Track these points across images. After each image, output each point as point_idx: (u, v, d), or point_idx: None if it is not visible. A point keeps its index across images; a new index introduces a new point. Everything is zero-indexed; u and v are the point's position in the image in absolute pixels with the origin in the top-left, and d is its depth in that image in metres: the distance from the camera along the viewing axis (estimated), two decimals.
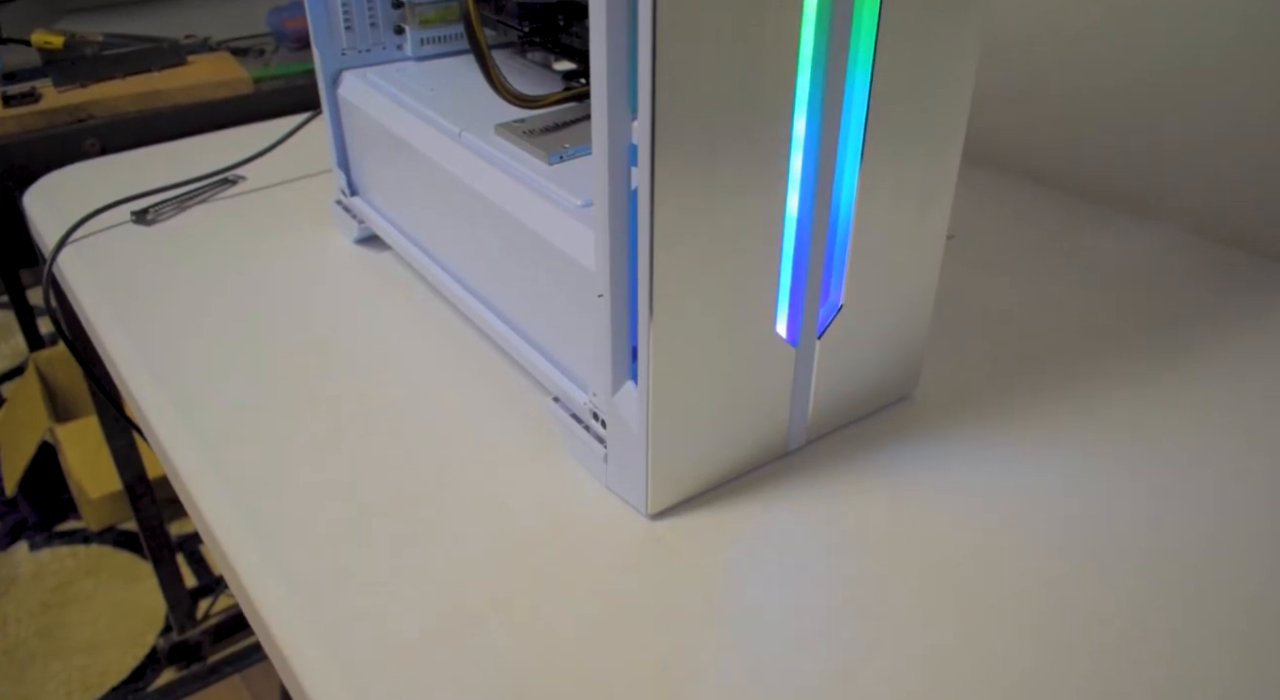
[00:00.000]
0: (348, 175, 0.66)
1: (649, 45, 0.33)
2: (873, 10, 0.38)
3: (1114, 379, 0.53)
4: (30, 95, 0.86)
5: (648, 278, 0.37)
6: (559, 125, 0.51)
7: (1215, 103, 0.68)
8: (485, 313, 0.53)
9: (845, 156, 0.41)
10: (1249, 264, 0.64)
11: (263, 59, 0.99)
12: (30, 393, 1.48)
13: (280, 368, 0.54)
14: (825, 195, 0.41)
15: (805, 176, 0.40)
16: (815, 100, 0.38)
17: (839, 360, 0.46)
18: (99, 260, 0.66)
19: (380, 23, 0.63)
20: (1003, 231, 0.68)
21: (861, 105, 0.40)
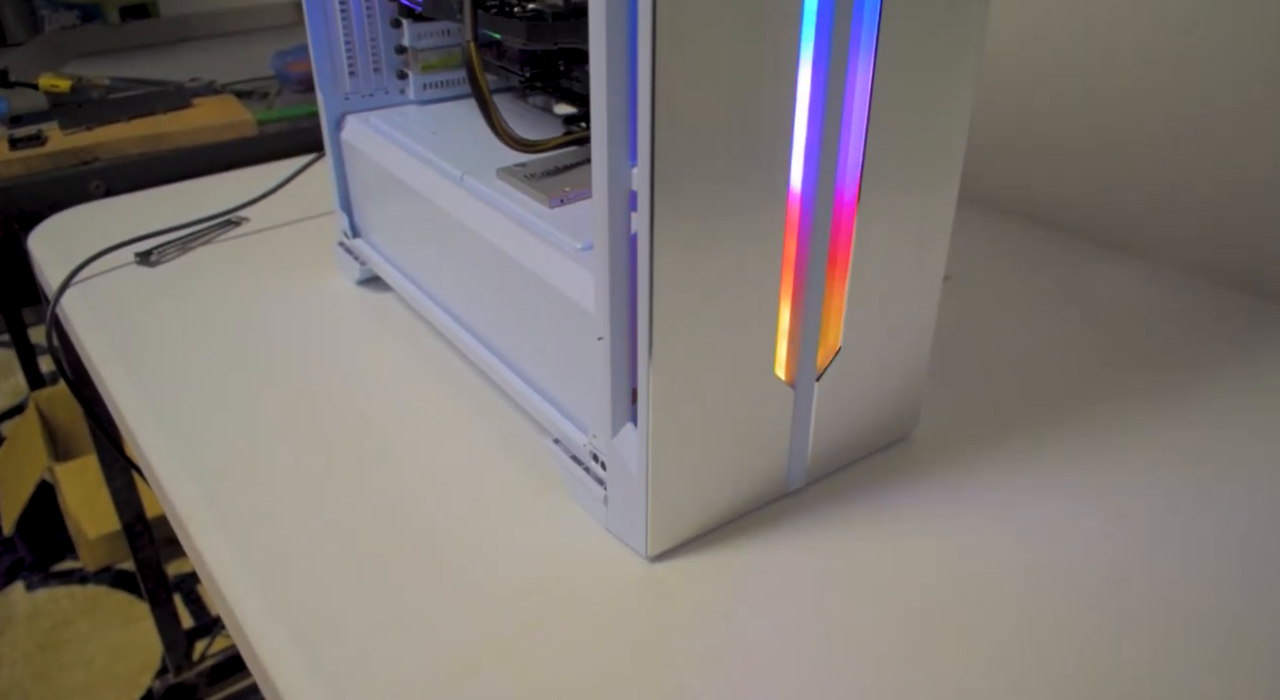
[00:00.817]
0: (350, 217, 0.67)
1: (648, 92, 0.33)
2: (869, 55, 0.38)
3: (1112, 420, 0.53)
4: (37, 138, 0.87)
5: (647, 320, 0.37)
6: (559, 169, 0.52)
7: (1210, 143, 0.69)
8: (485, 354, 0.54)
9: (842, 200, 0.41)
10: (1245, 304, 0.64)
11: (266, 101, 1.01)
12: (30, 431, 1.47)
13: (281, 409, 0.54)
14: (823, 238, 0.41)
15: (803, 219, 0.40)
16: (813, 144, 0.39)
17: (838, 401, 0.46)
18: (102, 301, 0.67)
19: (384, 67, 0.64)
20: (1000, 272, 0.69)
21: (858, 149, 0.40)
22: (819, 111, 0.38)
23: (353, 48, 0.62)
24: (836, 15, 0.37)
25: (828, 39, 0.37)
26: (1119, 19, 0.71)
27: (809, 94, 0.38)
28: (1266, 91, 0.64)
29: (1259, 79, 0.65)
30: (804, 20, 0.36)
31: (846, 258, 0.42)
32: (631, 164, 0.36)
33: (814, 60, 0.37)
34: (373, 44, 0.63)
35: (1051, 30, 0.76)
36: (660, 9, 0.32)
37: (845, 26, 0.37)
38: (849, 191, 0.41)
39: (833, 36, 0.37)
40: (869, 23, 0.38)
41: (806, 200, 0.40)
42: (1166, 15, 0.68)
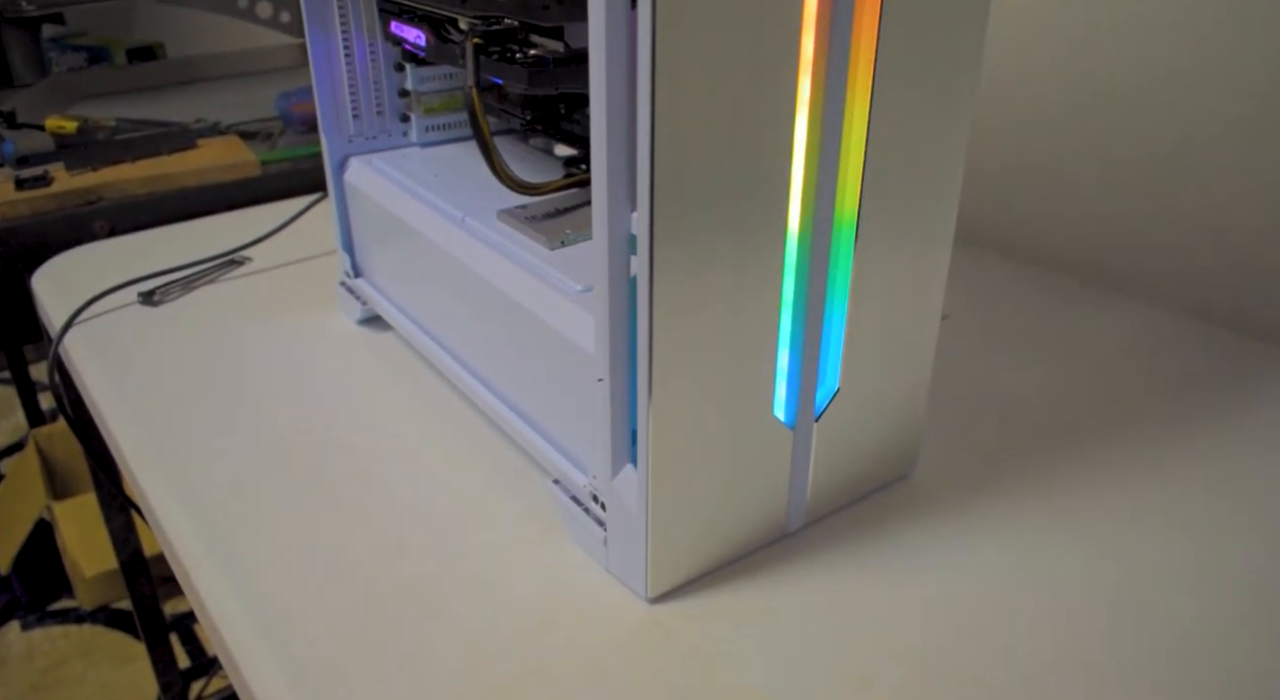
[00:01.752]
0: (352, 257, 0.67)
1: (648, 137, 0.34)
2: (864, 99, 0.39)
3: (1110, 460, 0.53)
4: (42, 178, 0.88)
5: (647, 362, 0.38)
6: (560, 211, 0.52)
7: (1204, 184, 0.69)
8: (486, 394, 0.54)
9: (840, 242, 0.42)
10: (1242, 345, 0.65)
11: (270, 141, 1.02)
12: (29, 469, 1.47)
13: (282, 449, 0.55)
14: (821, 280, 0.42)
15: (800, 262, 0.41)
16: (810, 187, 0.39)
17: (837, 442, 0.46)
18: (105, 341, 0.67)
19: (386, 111, 0.65)
20: (997, 311, 0.69)
21: (855, 191, 0.41)
22: (816, 154, 0.39)
23: (356, 91, 0.63)
24: (833, 59, 0.38)
25: (824, 83, 0.38)
26: (1113, 61, 0.72)
27: (806, 137, 0.38)
28: (1260, 133, 0.65)
29: (1252, 120, 0.66)
30: (801, 63, 0.37)
31: (844, 299, 0.43)
32: (631, 209, 0.37)
33: (810, 104, 0.38)
34: (376, 88, 0.64)
35: (1046, 72, 0.77)
36: (659, 55, 0.33)
37: (842, 70, 0.38)
38: (846, 233, 0.41)
39: (829, 80, 0.38)
40: (865, 66, 0.39)
41: (804, 243, 0.40)
42: (1161, 57, 0.69)
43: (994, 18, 0.42)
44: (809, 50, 0.37)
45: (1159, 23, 0.69)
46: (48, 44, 1.23)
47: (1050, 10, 0.75)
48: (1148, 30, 0.70)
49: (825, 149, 0.39)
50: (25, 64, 1.16)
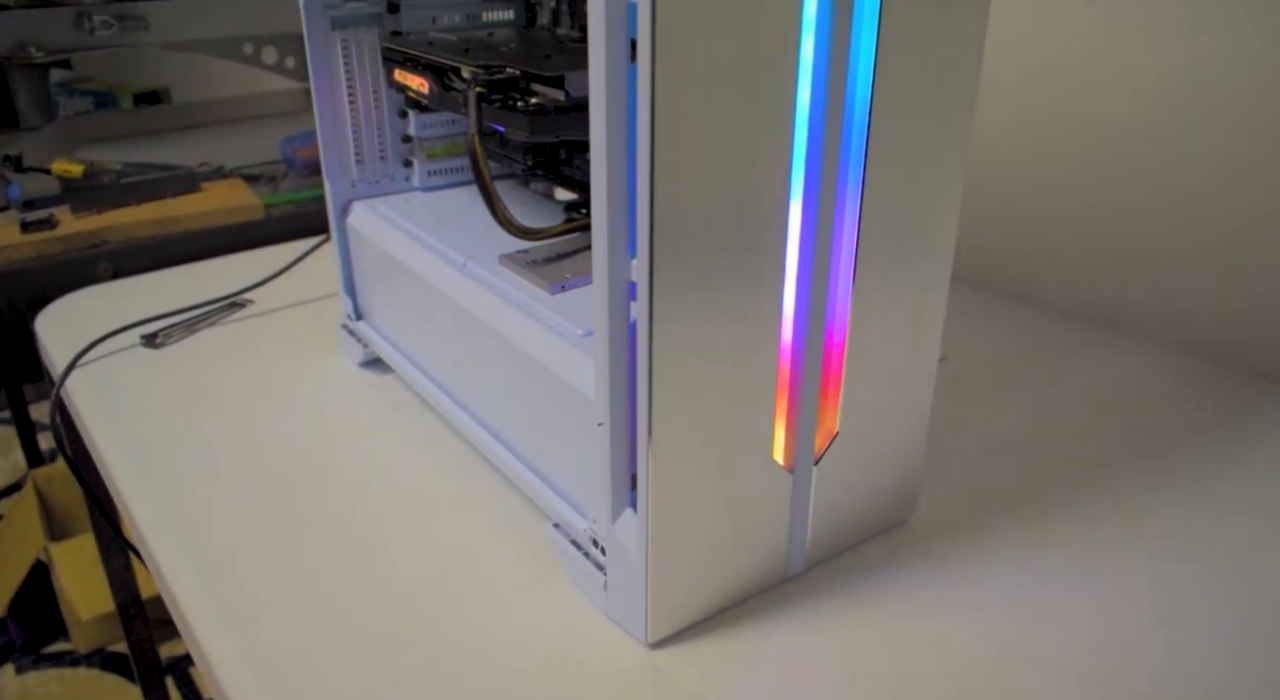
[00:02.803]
0: (354, 300, 0.68)
1: (647, 186, 0.34)
2: (860, 141, 0.40)
3: (1110, 503, 0.53)
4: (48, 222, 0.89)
5: (646, 407, 0.38)
6: (560, 255, 0.53)
7: (1205, 223, 0.70)
8: (486, 438, 0.54)
9: (837, 287, 0.42)
10: (1243, 385, 0.65)
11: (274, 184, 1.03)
12: (27, 510, 1.47)
13: (282, 493, 0.55)
14: (819, 325, 0.42)
15: (799, 307, 0.41)
16: (808, 233, 0.40)
17: (836, 486, 0.46)
18: (107, 383, 0.67)
19: (389, 156, 0.66)
20: (995, 353, 0.70)
21: (852, 236, 0.41)
22: (813, 202, 0.39)
23: (360, 137, 0.64)
24: (829, 106, 0.38)
25: (821, 131, 0.38)
26: (1105, 99, 0.74)
27: (803, 181, 0.39)
28: (1261, 171, 0.66)
29: (1245, 157, 0.66)
30: (798, 113, 0.37)
31: (842, 344, 0.43)
32: (631, 255, 0.37)
33: (808, 152, 0.38)
34: (379, 133, 0.65)
35: (1037, 112, 0.78)
36: (658, 107, 0.33)
37: (838, 117, 0.39)
38: (844, 278, 0.42)
39: (825, 129, 0.39)
40: (860, 114, 0.39)
41: (802, 288, 0.41)
42: (1153, 95, 0.71)
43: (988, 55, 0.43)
44: (805, 100, 0.38)
45: (1151, 60, 0.70)
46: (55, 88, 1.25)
47: (1040, 51, 0.76)
48: (1140, 68, 0.71)
49: (823, 188, 0.40)
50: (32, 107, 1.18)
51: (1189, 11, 0.67)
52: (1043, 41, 0.76)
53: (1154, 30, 0.69)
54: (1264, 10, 0.63)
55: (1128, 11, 0.71)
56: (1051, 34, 0.76)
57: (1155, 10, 0.69)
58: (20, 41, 0.95)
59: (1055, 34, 0.76)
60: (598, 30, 0.35)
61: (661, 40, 0.33)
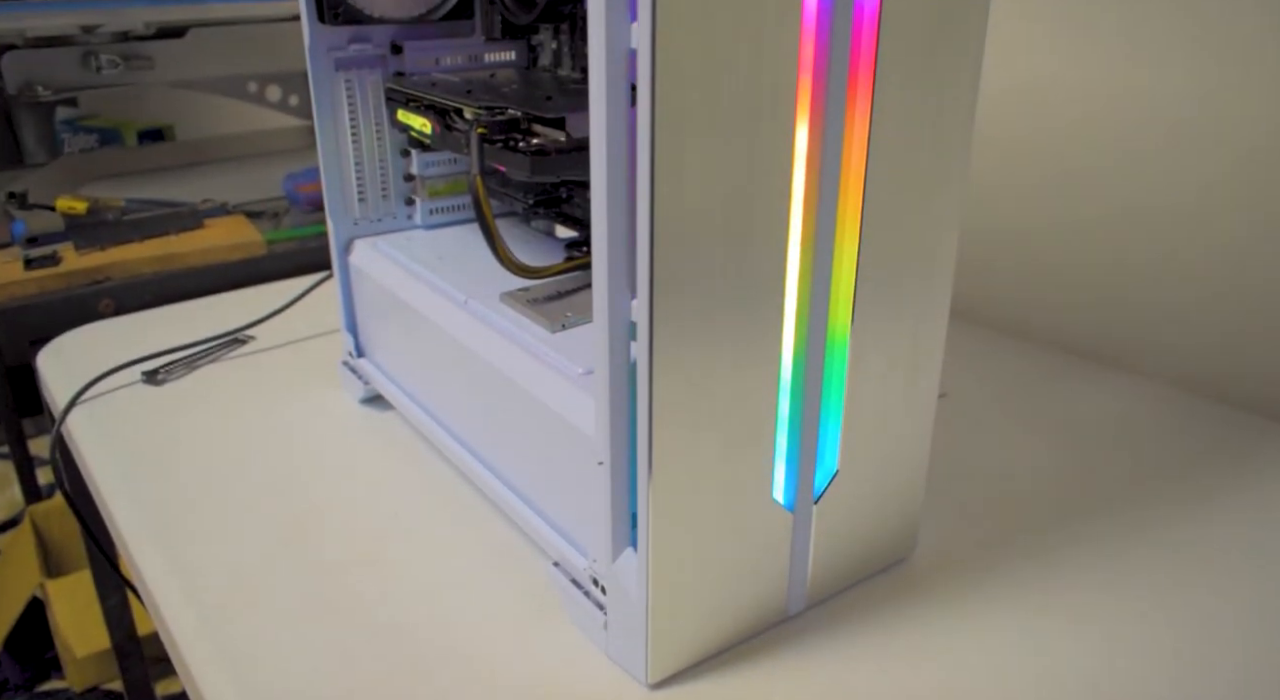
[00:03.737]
0: (355, 337, 0.68)
1: (647, 228, 0.35)
2: (858, 186, 0.40)
3: (1111, 540, 0.53)
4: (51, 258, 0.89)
5: (646, 446, 0.38)
6: (561, 294, 0.53)
7: (1202, 259, 0.71)
8: (487, 475, 0.54)
9: (835, 325, 0.42)
10: (1243, 422, 0.65)
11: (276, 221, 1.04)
12: (24, 547, 1.46)
13: (282, 531, 0.54)
14: (818, 363, 0.42)
15: (798, 346, 0.41)
16: (806, 273, 0.40)
17: (836, 525, 0.46)
18: (107, 420, 0.67)
19: (392, 194, 0.67)
20: (995, 389, 0.70)
21: (850, 275, 0.42)
22: (811, 241, 0.40)
23: (363, 176, 0.65)
24: (826, 146, 0.39)
25: (819, 169, 0.39)
26: (1105, 135, 0.74)
27: (801, 225, 0.39)
28: (1257, 207, 0.67)
29: (1248, 195, 0.67)
30: (796, 153, 0.38)
31: (841, 382, 0.43)
32: (631, 296, 0.38)
33: (806, 193, 0.39)
34: (382, 172, 0.66)
35: (1036, 147, 0.79)
36: (658, 149, 0.34)
37: (835, 156, 0.39)
38: (842, 316, 0.42)
39: (823, 170, 0.39)
40: (858, 155, 0.40)
41: (801, 326, 0.41)
42: (1153, 132, 0.71)
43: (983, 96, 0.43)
44: (803, 141, 0.38)
45: (1148, 97, 0.71)
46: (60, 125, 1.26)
47: (1040, 88, 0.77)
48: (1140, 103, 0.72)
49: (820, 236, 0.40)
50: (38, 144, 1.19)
51: (1186, 50, 0.68)
52: (1039, 79, 0.77)
53: (1151, 68, 0.70)
54: (1260, 45, 0.64)
55: (1124, 50, 0.72)
56: (1048, 72, 0.77)
57: (1152, 48, 0.70)
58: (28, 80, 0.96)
59: (1052, 72, 0.77)
60: (598, 75, 0.35)
61: (661, 84, 0.33)
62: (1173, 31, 0.69)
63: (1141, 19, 0.70)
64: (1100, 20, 0.73)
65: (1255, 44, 0.64)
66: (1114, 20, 0.72)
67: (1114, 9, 0.71)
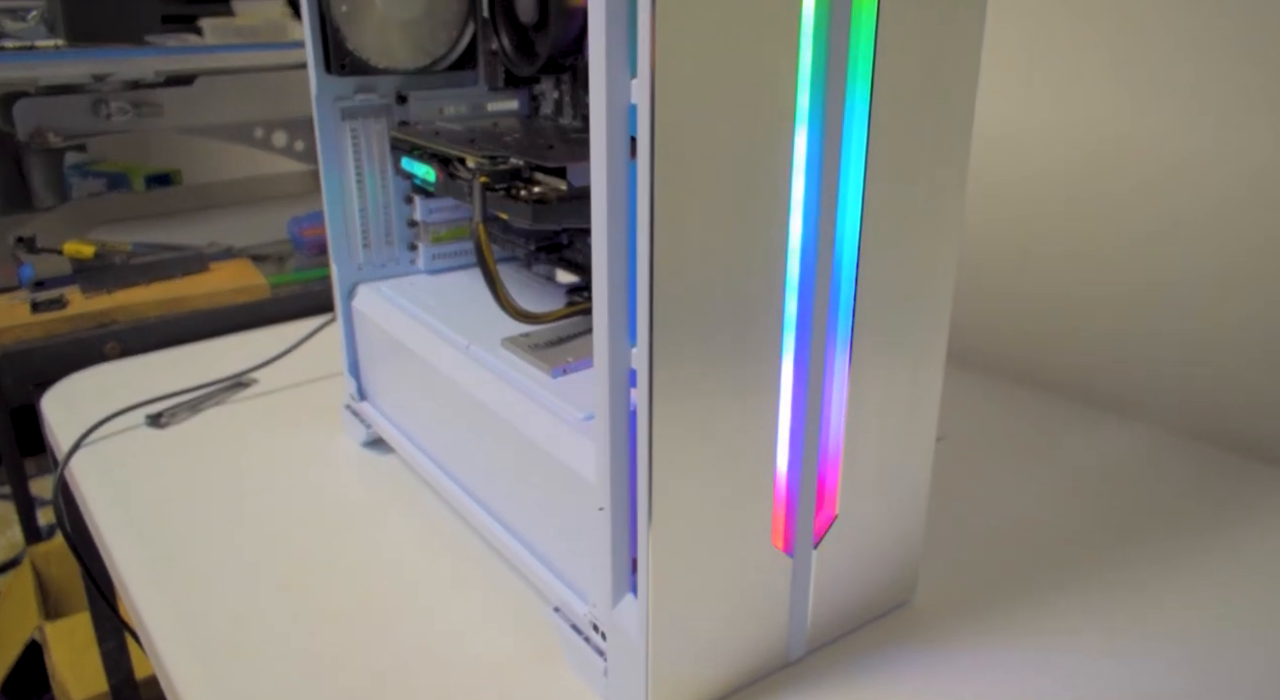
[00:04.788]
0: (358, 381, 0.69)
1: (647, 280, 0.35)
2: (854, 230, 0.41)
3: (1111, 586, 0.53)
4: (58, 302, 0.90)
5: (647, 492, 0.38)
6: (563, 339, 0.54)
7: (1203, 305, 0.71)
8: (487, 520, 0.54)
9: (833, 372, 0.43)
10: (1237, 466, 0.65)
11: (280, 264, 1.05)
12: (23, 588, 1.45)
13: (283, 575, 0.55)
14: (816, 409, 0.43)
15: (796, 391, 0.42)
16: (804, 319, 0.41)
17: (836, 569, 0.46)
18: (110, 463, 0.68)
19: (395, 240, 0.67)
20: (992, 432, 0.70)
21: (848, 320, 0.42)
22: (809, 289, 0.40)
23: (367, 222, 0.66)
24: (823, 197, 0.39)
25: (816, 221, 0.40)
26: (1102, 177, 0.75)
27: (799, 270, 0.40)
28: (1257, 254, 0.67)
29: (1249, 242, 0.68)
30: (792, 204, 0.39)
31: (840, 428, 0.43)
32: (631, 344, 0.38)
33: (803, 241, 0.40)
34: (385, 218, 0.67)
35: (1032, 191, 0.80)
36: (658, 201, 0.35)
37: (832, 208, 0.40)
38: (841, 364, 0.43)
39: (820, 219, 0.40)
40: (854, 205, 0.40)
41: (799, 374, 0.41)
42: (1144, 178, 0.72)
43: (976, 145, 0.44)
44: (799, 191, 0.39)
45: (1146, 145, 0.72)
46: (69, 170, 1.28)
47: (1031, 134, 0.78)
48: (1135, 153, 0.73)
49: (818, 276, 0.41)
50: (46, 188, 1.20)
51: (1188, 98, 0.69)
52: (1034, 125, 0.79)
53: (1149, 115, 0.71)
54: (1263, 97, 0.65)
55: (1119, 95, 0.73)
56: (1044, 117, 0.78)
57: (1150, 95, 0.71)
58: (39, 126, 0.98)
59: (1047, 117, 0.78)
60: (599, 128, 0.36)
61: (660, 138, 0.34)
62: (1162, 74, 0.70)
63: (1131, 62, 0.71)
64: (1092, 64, 0.74)
65: (1243, 86, 0.66)
66: (1105, 64, 0.73)
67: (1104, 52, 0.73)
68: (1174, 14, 0.68)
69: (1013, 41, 0.77)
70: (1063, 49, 0.76)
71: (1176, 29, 0.68)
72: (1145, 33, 0.70)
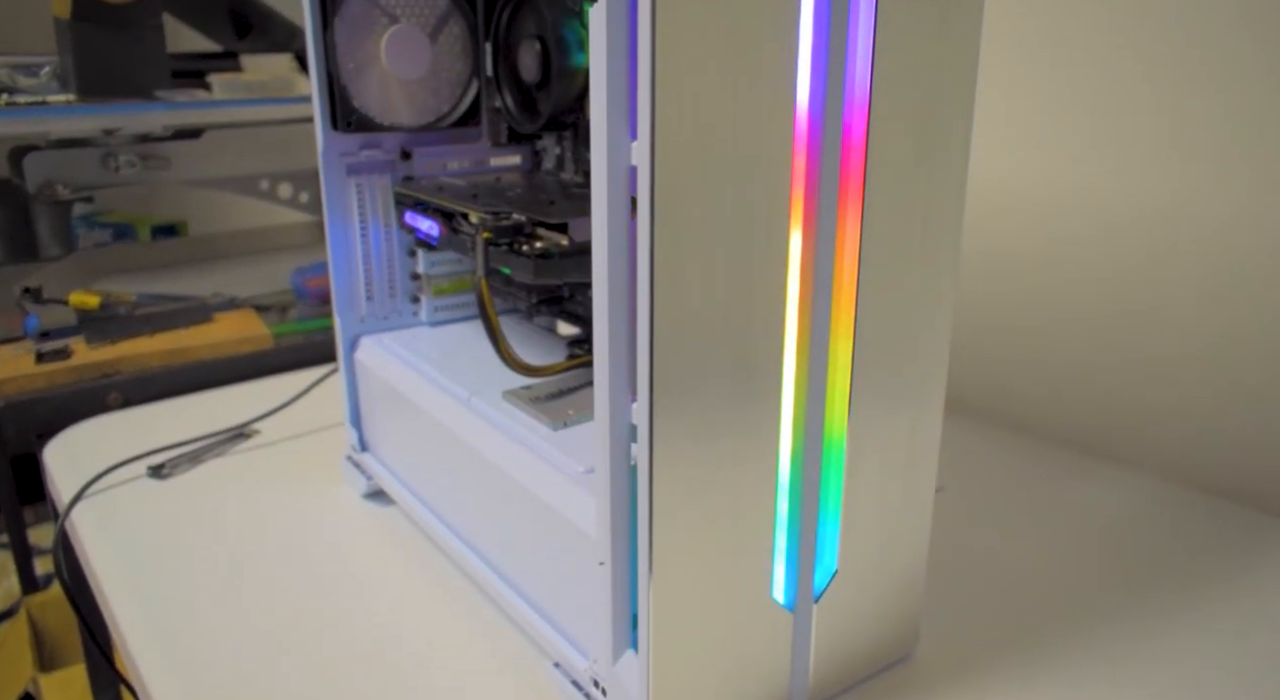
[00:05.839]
0: (359, 432, 0.69)
1: (648, 336, 0.36)
2: (850, 287, 0.41)
3: (1113, 635, 0.53)
4: (63, 352, 0.91)
5: (647, 547, 0.39)
6: (564, 391, 0.54)
7: (1191, 352, 0.72)
8: (488, 573, 0.54)
9: (832, 425, 0.43)
10: (1238, 516, 0.65)
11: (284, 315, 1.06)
12: (18, 639, 1.44)
13: (282, 628, 0.54)
14: (815, 463, 0.43)
15: (795, 446, 0.42)
16: (802, 375, 0.41)
17: (837, 624, 0.46)
18: (111, 514, 0.68)
19: (398, 292, 0.68)
20: (991, 482, 0.70)
21: (845, 375, 0.43)
22: (808, 345, 0.41)
23: (370, 275, 0.66)
24: (819, 253, 0.40)
25: (813, 278, 0.40)
26: (1097, 234, 0.76)
27: (798, 327, 0.41)
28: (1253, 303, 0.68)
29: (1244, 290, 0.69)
30: (790, 261, 0.39)
31: (839, 480, 0.44)
32: (631, 399, 0.39)
33: (801, 296, 0.40)
34: (389, 270, 0.67)
35: (1029, 241, 0.81)
36: (658, 260, 0.35)
37: (828, 262, 0.41)
38: (838, 415, 0.43)
39: (816, 277, 0.40)
40: (850, 257, 0.41)
41: (799, 426, 0.42)
42: (1146, 230, 0.73)
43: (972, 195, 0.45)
44: (797, 249, 0.40)
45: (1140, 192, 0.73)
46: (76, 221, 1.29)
47: (1028, 184, 0.80)
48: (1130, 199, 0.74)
49: (815, 337, 0.41)
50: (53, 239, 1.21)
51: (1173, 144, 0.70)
52: (1031, 176, 0.80)
53: (1143, 162, 0.73)
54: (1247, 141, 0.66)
55: (1114, 144, 0.74)
56: (1041, 167, 0.79)
57: (1142, 143, 0.73)
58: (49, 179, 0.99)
59: (1044, 167, 0.79)
60: (600, 189, 0.37)
61: (660, 200, 0.35)
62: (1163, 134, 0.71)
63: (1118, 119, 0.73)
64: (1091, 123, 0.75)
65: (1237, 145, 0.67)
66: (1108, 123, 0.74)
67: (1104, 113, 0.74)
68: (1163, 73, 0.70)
69: (999, 103, 0.79)
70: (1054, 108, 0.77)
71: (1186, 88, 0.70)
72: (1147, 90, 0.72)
